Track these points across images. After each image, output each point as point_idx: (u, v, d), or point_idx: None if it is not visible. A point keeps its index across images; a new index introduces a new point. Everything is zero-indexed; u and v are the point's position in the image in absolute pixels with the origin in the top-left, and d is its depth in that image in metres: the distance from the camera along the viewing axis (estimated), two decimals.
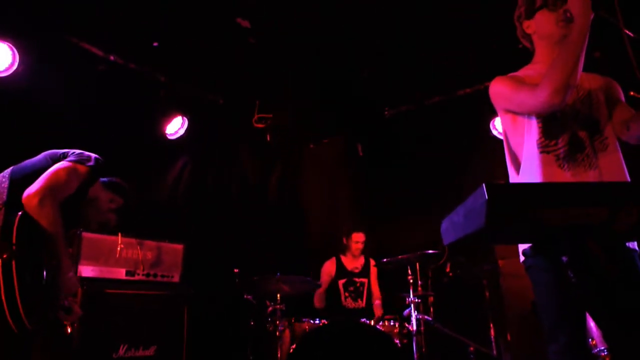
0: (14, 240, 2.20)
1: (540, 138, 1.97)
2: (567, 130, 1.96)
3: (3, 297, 2.10)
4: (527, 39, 2.23)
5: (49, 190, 2.36)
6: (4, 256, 2.13)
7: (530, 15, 2.14)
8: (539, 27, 2.12)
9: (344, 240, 5.38)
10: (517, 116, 2.07)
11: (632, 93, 2.97)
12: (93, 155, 2.67)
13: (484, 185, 1.24)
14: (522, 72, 2.17)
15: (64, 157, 2.58)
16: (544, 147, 1.96)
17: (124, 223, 3.97)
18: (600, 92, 2.07)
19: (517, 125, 2.07)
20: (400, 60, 4.97)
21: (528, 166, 1.99)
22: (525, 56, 2.30)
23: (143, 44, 4.49)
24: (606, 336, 1.76)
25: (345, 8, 4.18)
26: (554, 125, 1.97)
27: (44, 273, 2.33)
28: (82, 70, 4.35)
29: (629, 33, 1.75)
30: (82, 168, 2.56)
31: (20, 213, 2.28)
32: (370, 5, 4.16)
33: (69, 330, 2.51)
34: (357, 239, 5.29)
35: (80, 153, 2.62)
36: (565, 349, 1.73)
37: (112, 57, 4.53)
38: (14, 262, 2.14)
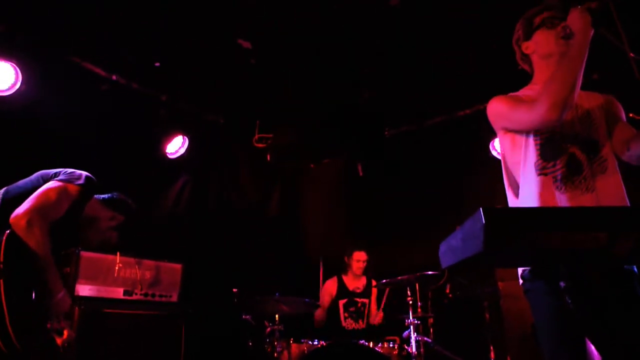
0: (1, 259, 2.19)
1: (537, 160, 1.96)
2: (565, 151, 1.95)
3: None
4: (526, 61, 2.23)
5: (37, 211, 2.35)
6: None
7: (528, 36, 2.15)
8: (538, 46, 2.12)
9: (346, 259, 5.36)
10: (515, 136, 2.06)
11: (631, 115, 2.97)
12: (84, 173, 2.66)
13: (481, 209, 1.24)
14: (521, 92, 2.17)
15: (55, 176, 2.57)
16: (542, 169, 1.94)
17: (123, 242, 3.97)
18: (600, 110, 2.05)
19: (515, 146, 2.06)
20: (401, 81, 5.01)
21: (526, 189, 1.98)
22: (525, 77, 2.31)
23: (145, 64, 4.54)
24: None
25: (347, 29, 4.23)
26: (552, 147, 1.96)
27: (33, 293, 2.31)
28: (84, 90, 4.39)
29: (631, 54, 1.75)
30: (72, 187, 2.54)
31: (7, 232, 2.27)
32: (372, 27, 4.21)
33: (60, 342, 2.48)
34: (359, 257, 5.27)
35: (72, 172, 2.61)
36: None
37: (114, 77, 4.57)
38: (1, 282, 2.13)
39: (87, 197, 2.70)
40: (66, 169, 2.62)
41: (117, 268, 3.79)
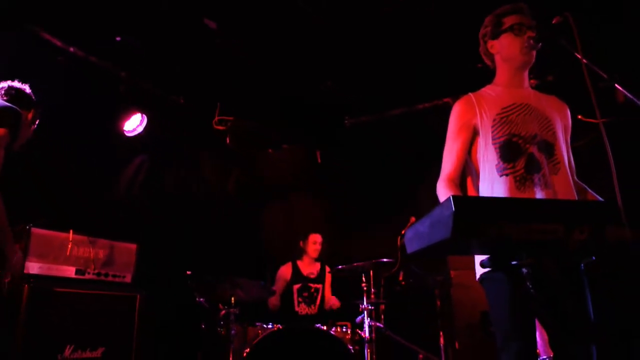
0: None
1: (498, 162, 2.05)
2: (525, 152, 2.04)
3: None
4: (489, 58, 2.31)
5: None
6: None
7: (495, 36, 2.23)
8: (503, 49, 2.21)
9: (301, 244, 5.41)
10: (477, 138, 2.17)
11: (580, 117, 3.14)
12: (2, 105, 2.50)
13: (451, 197, 1.29)
14: (483, 91, 2.26)
15: None
16: (502, 171, 2.03)
17: (77, 220, 3.86)
18: (556, 117, 2.16)
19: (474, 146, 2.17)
20: (363, 72, 5.05)
21: (486, 190, 2.06)
22: (483, 76, 2.39)
23: (105, 37, 4.39)
24: (552, 344, 1.86)
25: (312, 18, 4.23)
26: (512, 148, 2.04)
27: None
28: (39, 61, 4.21)
29: (600, 72, 1.84)
30: (1, 132, 2.38)
31: None
32: (337, 16, 4.22)
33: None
34: (315, 239, 5.35)
35: None
36: (517, 357, 1.81)
37: (72, 49, 4.40)
38: None
39: (18, 129, 2.52)
40: None
41: (69, 246, 3.70)
